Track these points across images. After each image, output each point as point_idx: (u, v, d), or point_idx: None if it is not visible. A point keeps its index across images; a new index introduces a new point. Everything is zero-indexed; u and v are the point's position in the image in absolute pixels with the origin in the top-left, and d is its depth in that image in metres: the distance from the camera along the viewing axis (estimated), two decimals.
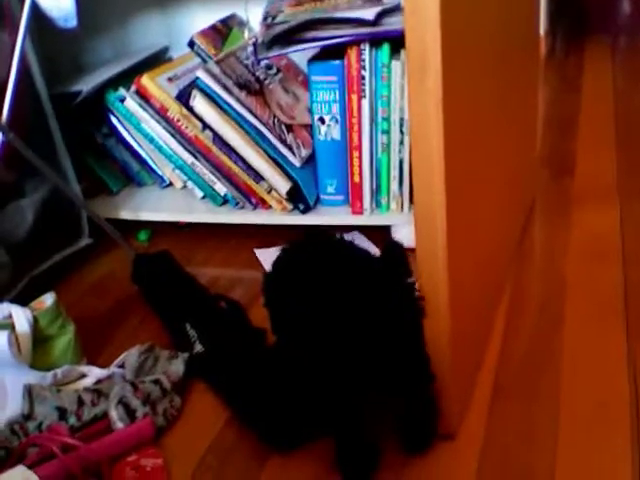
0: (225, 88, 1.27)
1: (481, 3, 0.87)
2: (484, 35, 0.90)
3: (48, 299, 1.05)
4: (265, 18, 1.16)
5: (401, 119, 1.22)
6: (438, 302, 0.80)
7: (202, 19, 1.50)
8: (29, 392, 0.95)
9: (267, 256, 1.32)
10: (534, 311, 1.11)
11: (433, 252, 0.78)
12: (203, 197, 1.46)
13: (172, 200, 1.50)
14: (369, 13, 1.07)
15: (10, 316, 1.01)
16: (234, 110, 1.28)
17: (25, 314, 1.01)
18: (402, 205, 1.30)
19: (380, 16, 1.10)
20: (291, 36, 1.14)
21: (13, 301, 1.05)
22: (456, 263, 0.81)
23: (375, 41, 1.17)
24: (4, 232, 1.18)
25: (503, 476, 0.81)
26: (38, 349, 1.02)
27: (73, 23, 1.09)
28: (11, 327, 0.99)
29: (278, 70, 1.44)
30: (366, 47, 1.17)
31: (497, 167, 1.05)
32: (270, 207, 1.37)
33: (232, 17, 1.49)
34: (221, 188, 1.40)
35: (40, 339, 1.02)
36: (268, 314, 0.87)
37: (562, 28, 2.90)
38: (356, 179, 1.29)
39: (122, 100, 1.41)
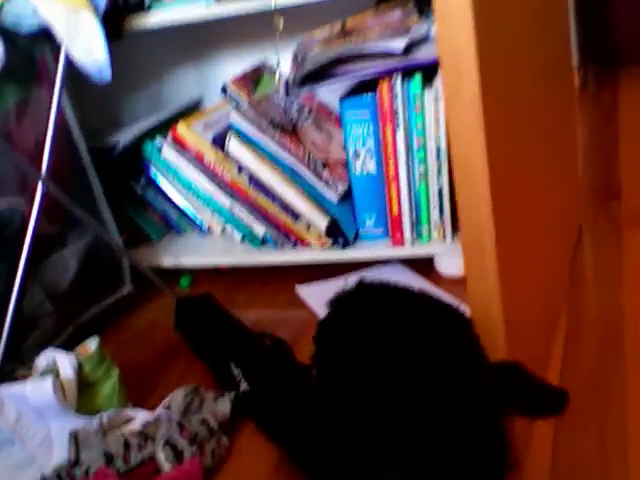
0: (259, 129, 1.28)
1: (514, 27, 0.86)
2: (518, 58, 0.89)
3: (92, 344, 1.05)
4: (295, 57, 1.17)
5: (437, 147, 1.21)
6: (492, 330, 0.77)
7: (233, 69, 1.53)
8: (75, 438, 0.94)
9: (309, 292, 1.31)
10: (593, 338, 1.06)
11: (483, 278, 0.75)
12: (242, 240, 1.46)
13: (212, 245, 1.51)
14: (398, 44, 1.07)
15: (55, 362, 1.01)
16: (269, 150, 1.28)
17: (69, 360, 1.00)
18: (444, 234, 1.27)
19: (409, 46, 1.10)
20: (322, 72, 1.15)
21: (58, 348, 1.05)
22: (508, 289, 0.78)
23: (406, 72, 1.17)
24: (48, 282, 1.19)
25: None
26: (83, 394, 1.01)
27: (107, 76, 1.11)
28: (56, 373, 0.99)
29: (310, 110, 1.45)
30: (397, 78, 1.17)
31: (541, 191, 1.02)
32: (309, 244, 1.36)
33: (262, 65, 1.51)
34: (260, 229, 1.40)
35: (85, 384, 1.02)
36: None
37: (593, 61, 2.89)
38: (395, 211, 1.27)
39: (159, 149, 1.44)
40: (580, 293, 1.19)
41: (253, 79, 1.43)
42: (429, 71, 1.17)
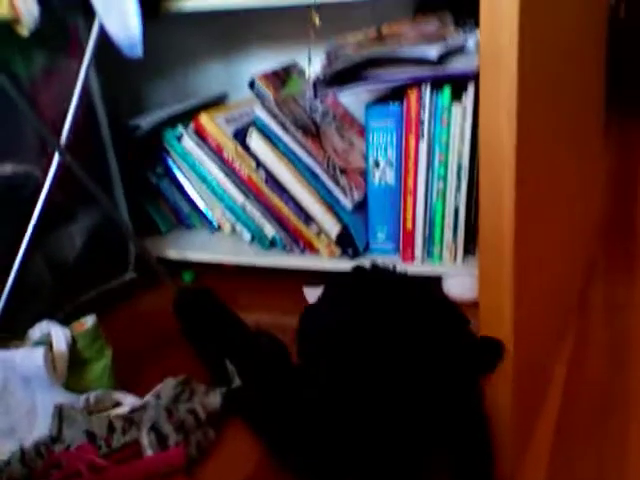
0: (283, 127, 1.27)
1: (556, 51, 0.86)
2: (558, 83, 0.89)
3: (89, 321, 1.03)
4: (328, 55, 1.16)
5: (459, 165, 1.19)
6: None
7: (261, 67, 1.52)
8: (59, 413, 0.91)
9: (316, 295, 1.28)
10: (597, 359, 1.06)
11: (497, 300, 0.75)
12: (251, 241, 1.44)
13: (219, 242, 1.49)
14: (432, 51, 1.06)
15: (49, 334, 0.99)
16: (290, 149, 1.27)
17: (64, 333, 0.98)
18: (455, 255, 1.25)
19: (443, 56, 1.09)
20: (352, 75, 1.14)
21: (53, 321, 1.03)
22: (519, 312, 0.77)
23: (436, 83, 1.16)
24: (52, 255, 1.18)
25: None
26: (74, 371, 0.99)
27: (139, 52, 1.10)
28: (49, 345, 0.96)
29: (335, 117, 1.44)
30: (427, 89, 1.16)
31: (560, 219, 1.02)
32: (318, 251, 1.34)
33: (293, 65, 1.51)
34: (270, 230, 1.38)
35: (77, 361, 0.99)
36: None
37: (619, 104, 2.89)
38: (409, 225, 1.25)
39: (179, 138, 1.43)
40: (587, 322, 1.19)
41: (282, 78, 1.42)
42: (459, 86, 1.16)
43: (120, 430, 0.90)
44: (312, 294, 1.30)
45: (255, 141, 1.28)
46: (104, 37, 1.10)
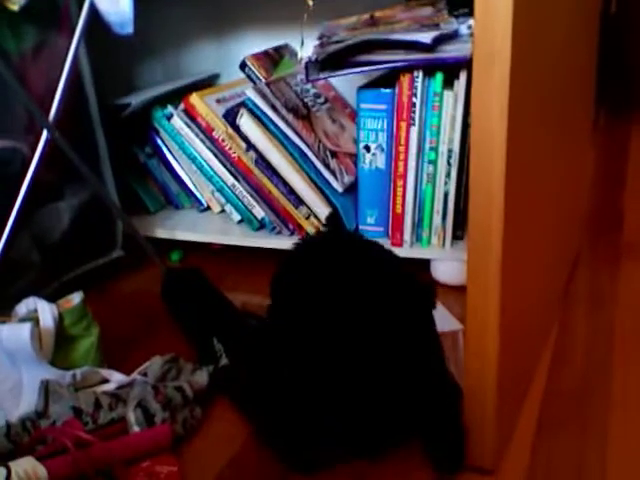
0: (273, 108, 1.26)
1: (548, 43, 0.86)
2: (549, 74, 0.89)
3: (75, 298, 1.02)
4: (320, 38, 1.16)
5: (449, 150, 1.20)
6: (487, 336, 0.77)
7: (253, 49, 1.51)
8: (45, 389, 0.91)
9: None
10: (581, 352, 1.06)
11: (485, 286, 0.76)
12: (240, 222, 1.44)
13: (208, 223, 1.49)
14: (426, 37, 1.06)
15: (35, 310, 0.99)
16: (280, 130, 1.27)
17: (50, 309, 0.98)
18: (444, 240, 1.26)
19: (437, 41, 1.09)
20: (345, 58, 1.13)
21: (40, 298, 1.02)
22: (506, 299, 0.78)
23: (428, 69, 1.16)
24: (39, 232, 1.17)
25: None
26: (60, 348, 0.98)
27: (129, 30, 1.09)
28: (35, 321, 0.96)
29: (326, 100, 1.44)
30: (419, 74, 1.16)
31: (548, 210, 1.03)
32: (307, 233, 1.35)
33: (285, 46, 1.50)
34: (259, 212, 1.38)
35: (63, 338, 0.99)
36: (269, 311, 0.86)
37: (608, 99, 2.90)
38: (398, 210, 1.26)
39: (169, 118, 1.42)
40: (571, 313, 1.19)
41: (274, 59, 1.42)
42: (451, 72, 1.16)
43: (107, 407, 0.90)
44: None
45: (245, 122, 1.28)
46: (95, 14, 1.09)
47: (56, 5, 1.12)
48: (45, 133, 1.11)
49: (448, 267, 1.27)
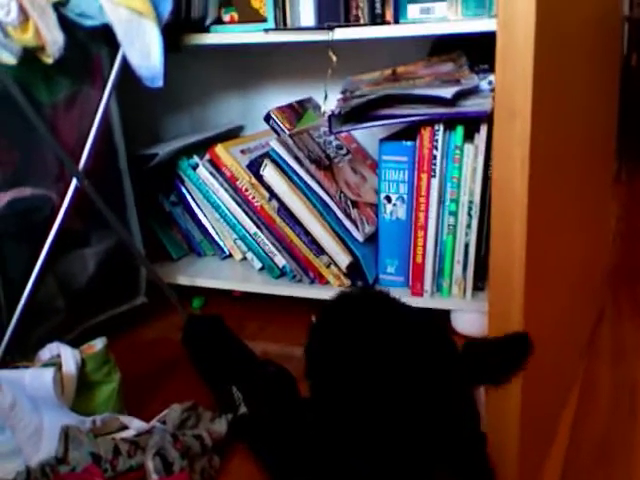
0: (296, 159, 1.29)
1: (570, 96, 0.88)
2: (571, 127, 0.90)
3: (98, 344, 1.03)
4: (344, 92, 1.19)
5: (470, 202, 1.21)
6: (507, 395, 0.77)
7: (277, 102, 1.55)
8: (65, 435, 0.92)
9: None
10: (604, 404, 1.05)
11: None
12: (261, 269, 1.46)
13: (230, 270, 1.51)
14: (447, 92, 1.08)
15: (59, 355, 1.00)
16: (303, 180, 1.29)
17: (73, 355, 0.99)
18: (465, 291, 1.26)
19: (457, 97, 1.11)
20: (367, 111, 1.16)
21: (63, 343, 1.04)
22: None
23: (449, 123, 1.18)
24: (65, 277, 1.19)
25: None
26: (82, 393, 0.99)
27: (159, 83, 1.13)
28: (58, 366, 0.97)
29: (348, 151, 1.46)
30: (440, 128, 1.18)
31: (570, 263, 1.02)
32: (327, 282, 1.35)
33: (308, 100, 1.54)
34: (280, 260, 1.39)
35: (85, 383, 1.00)
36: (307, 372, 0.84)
37: (629, 153, 2.90)
38: (418, 259, 1.26)
39: (195, 167, 1.45)
40: (594, 367, 1.18)
41: (297, 112, 1.45)
42: (471, 125, 1.18)
43: (126, 454, 0.90)
44: None
45: (269, 172, 1.30)
46: (126, 67, 1.13)
47: (89, 57, 1.17)
48: (74, 181, 1.14)
49: (469, 318, 1.27)
